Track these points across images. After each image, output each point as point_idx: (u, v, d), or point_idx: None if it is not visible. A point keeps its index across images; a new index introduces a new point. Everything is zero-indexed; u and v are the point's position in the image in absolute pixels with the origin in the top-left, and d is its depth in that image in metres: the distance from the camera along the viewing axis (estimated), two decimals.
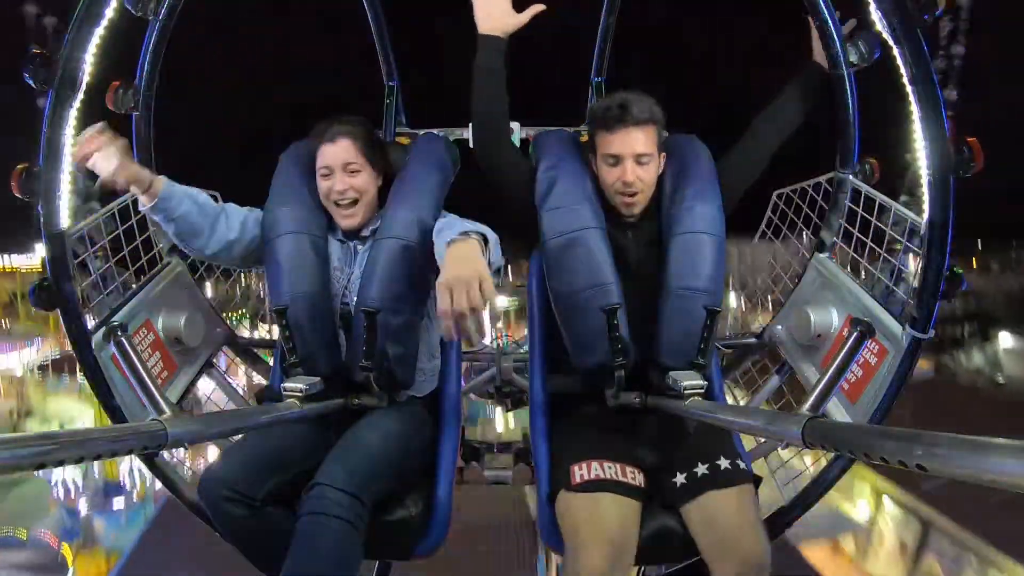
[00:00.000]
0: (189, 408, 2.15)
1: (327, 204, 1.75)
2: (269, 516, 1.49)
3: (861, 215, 1.90)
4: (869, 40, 1.73)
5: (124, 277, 1.91)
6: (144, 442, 0.93)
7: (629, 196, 1.70)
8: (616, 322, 1.59)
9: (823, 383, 1.22)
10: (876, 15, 1.52)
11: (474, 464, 2.34)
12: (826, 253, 2.08)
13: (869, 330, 1.40)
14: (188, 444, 1.06)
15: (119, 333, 1.52)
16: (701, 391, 1.48)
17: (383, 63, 2.75)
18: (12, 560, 11.82)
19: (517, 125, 2.54)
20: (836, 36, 1.75)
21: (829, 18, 1.73)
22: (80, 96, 1.58)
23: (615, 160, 1.69)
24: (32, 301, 1.66)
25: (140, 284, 1.97)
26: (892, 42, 1.49)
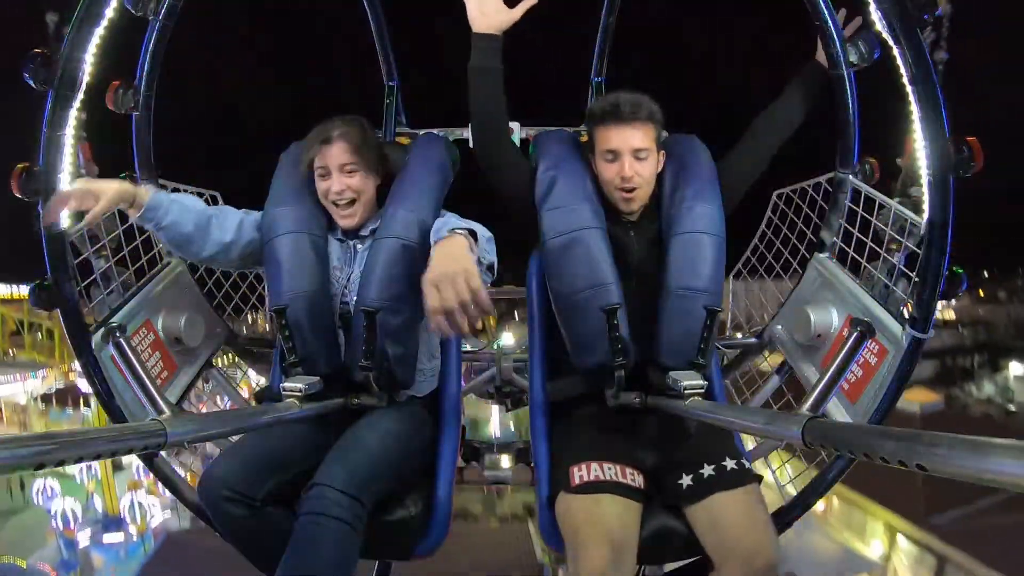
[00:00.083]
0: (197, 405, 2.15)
1: (326, 204, 1.75)
2: (269, 516, 1.49)
3: (861, 215, 1.90)
4: (869, 40, 1.73)
5: (124, 277, 1.91)
6: (144, 442, 0.93)
7: (627, 192, 1.70)
8: (616, 322, 1.59)
9: (823, 383, 1.22)
10: (876, 15, 1.52)
11: (474, 464, 2.34)
12: (826, 253, 2.09)
13: (869, 330, 1.39)
14: (187, 444, 1.06)
15: (118, 334, 1.52)
16: (701, 391, 1.48)
17: (383, 63, 2.75)
18: None
19: (517, 125, 2.54)
20: (836, 36, 1.75)
21: (829, 18, 1.73)
22: (80, 96, 1.58)
23: (613, 156, 1.69)
24: (32, 301, 1.66)
25: (140, 284, 1.97)
26: (892, 42, 1.49)
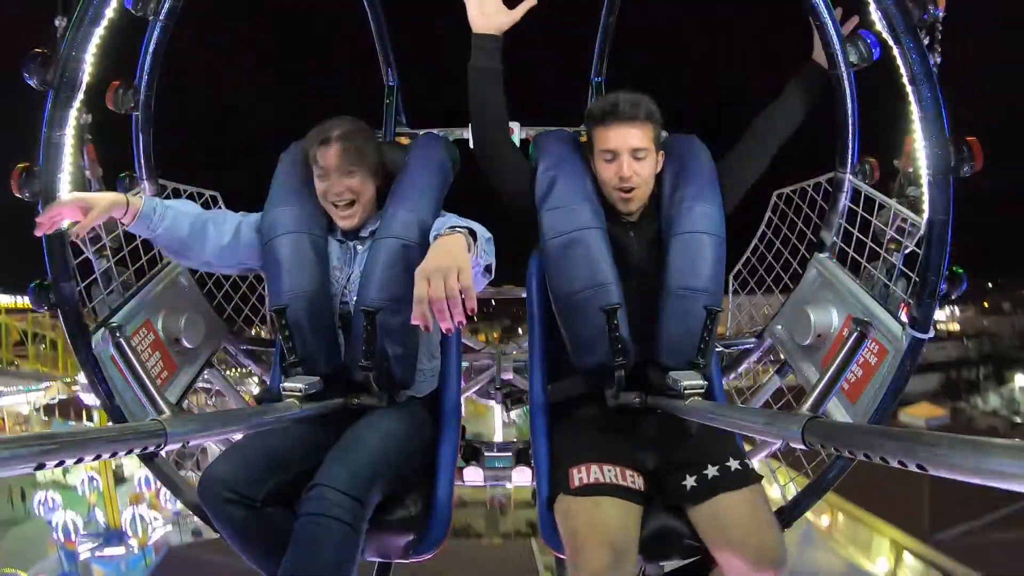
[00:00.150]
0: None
1: (325, 205, 1.75)
2: (269, 516, 1.49)
3: (861, 215, 1.90)
4: (869, 40, 1.73)
5: (124, 277, 1.91)
6: (144, 442, 0.93)
7: (626, 192, 1.70)
8: (616, 322, 1.59)
9: (823, 383, 1.22)
10: (876, 15, 1.52)
11: (474, 464, 2.34)
12: (826, 253, 2.09)
13: (869, 330, 1.39)
14: (187, 444, 1.06)
15: (118, 334, 1.52)
16: (701, 391, 1.48)
17: (383, 63, 2.75)
18: None
19: (517, 125, 2.54)
20: (836, 36, 1.75)
21: (829, 18, 1.73)
22: (80, 96, 1.58)
23: (612, 156, 1.69)
24: (32, 301, 1.66)
25: (140, 284, 1.97)
26: (892, 42, 1.49)
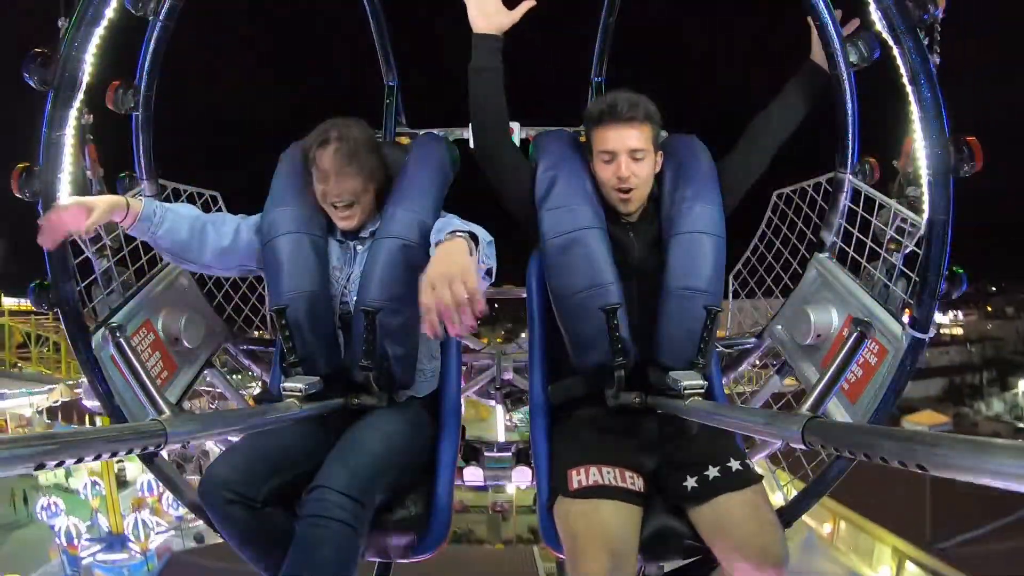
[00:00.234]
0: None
1: (324, 206, 1.75)
2: (269, 517, 1.49)
3: (861, 215, 1.90)
4: (869, 40, 1.73)
5: (124, 277, 1.91)
6: (144, 442, 0.93)
7: (624, 192, 1.70)
8: (616, 322, 1.59)
9: (823, 383, 1.22)
10: (876, 15, 1.52)
11: (474, 464, 2.34)
12: (826, 253, 2.09)
13: (869, 330, 1.39)
14: (187, 444, 1.06)
15: (118, 334, 1.52)
16: (701, 391, 1.48)
17: (383, 63, 2.75)
18: None
19: (517, 125, 2.54)
20: (836, 36, 1.75)
21: (829, 18, 1.73)
22: (80, 96, 1.58)
23: (610, 156, 1.69)
24: (31, 301, 1.66)
25: (140, 284, 1.97)
26: (892, 42, 1.49)
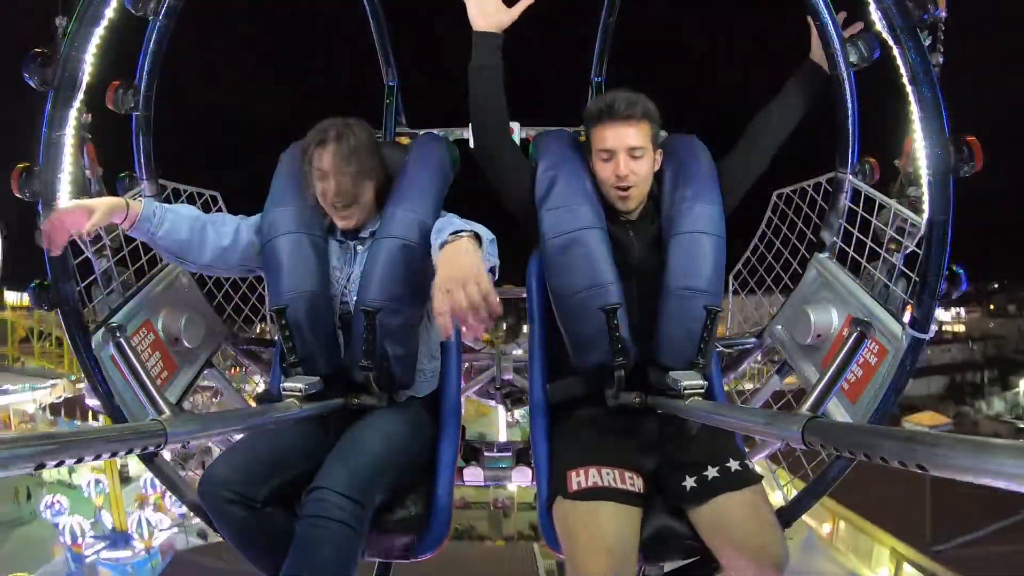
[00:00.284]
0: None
1: (324, 206, 1.75)
2: (269, 517, 1.49)
3: (861, 215, 1.90)
4: (869, 40, 1.73)
5: (124, 277, 1.91)
6: (144, 442, 0.93)
7: (623, 190, 1.70)
8: (616, 322, 1.59)
9: (823, 383, 1.22)
10: (876, 15, 1.52)
11: (474, 464, 2.33)
12: (826, 253, 2.08)
13: (869, 330, 1.39)
14: (187, 444, 1.06)
15: (118, 334, 1.52)
16: (701, 391, 1.48)
17: (383, 63, 2.75)
18: None
19: (517, 125, 2.54)
20: (836, 36, 1.74)
21: (829, 18, 1.73)
22: (80, 96, 1.58)
23: (609, 155, 1.69)
24: (32, 301, 1.66)
25: (140, 284, 1.97)
26: (892, 42, 1.49)
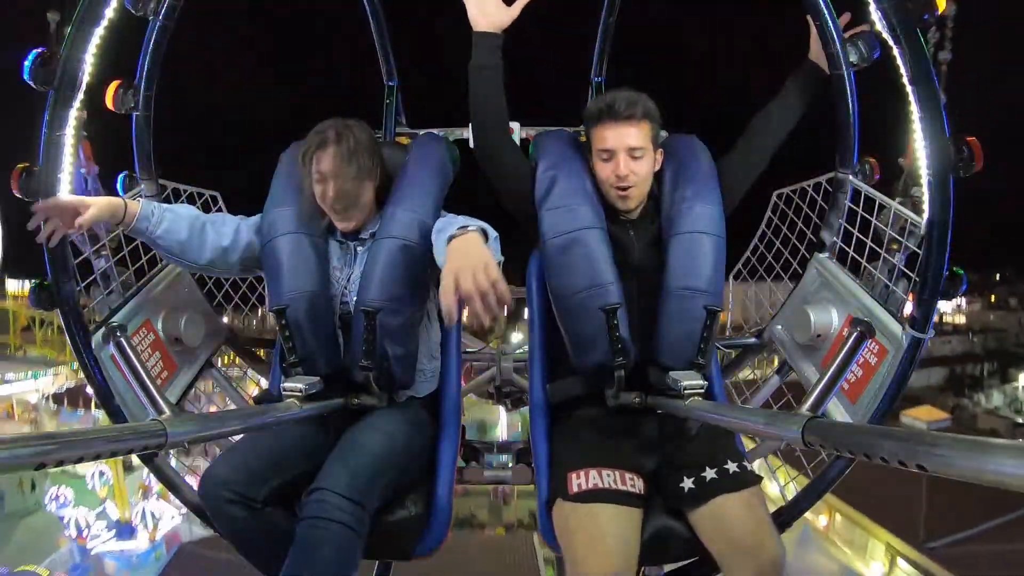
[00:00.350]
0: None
1: (323, 206, 1.74)
2: (270, 517, 1.49)
3: (861, 215, 1.90)
4: (869, 40, 1.73)
5: (124, 277, 1.91)
6: (144, 442, 0.93)
7: (623, 190, 1.70)
8: (616, 322, 1.59)
9: (823, 383, 1.22)
10: (876, 15, 1.52)
11: (474, 464, 2.34)
12: (826, 253, 2.09)
13: (869, 330, 1.39)
14: (187, 444, 1.06)
15: (118, 334, 1.52)
16: (701, 391, 1.48)
17: (383, 63, 2.75)
18: None
19: (517, 125, 2.54)
20: (836, 36, 1.74)
21: (829, 18, 1.73)
22: (80, 96, 1.58)
23: (609, 155, 1.69)
24: (32, 301, 1.66)
25: (140, 284, 1.97)
26: (892, 42, 1.49)
